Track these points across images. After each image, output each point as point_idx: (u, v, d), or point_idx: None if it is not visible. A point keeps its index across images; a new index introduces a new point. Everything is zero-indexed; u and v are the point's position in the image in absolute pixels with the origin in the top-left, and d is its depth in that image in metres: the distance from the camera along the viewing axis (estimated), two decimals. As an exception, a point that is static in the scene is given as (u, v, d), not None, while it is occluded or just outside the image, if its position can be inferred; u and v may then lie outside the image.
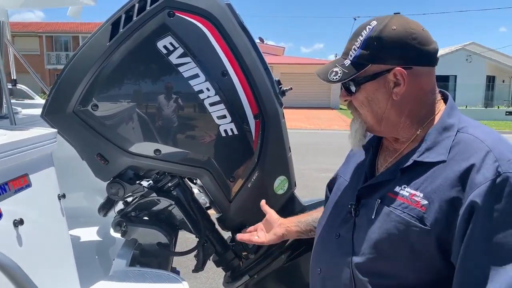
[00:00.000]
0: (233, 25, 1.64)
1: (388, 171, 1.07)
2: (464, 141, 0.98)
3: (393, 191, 1.02)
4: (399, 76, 1.00)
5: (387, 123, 1.06)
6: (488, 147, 0.93)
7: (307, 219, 1.48)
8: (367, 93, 1.05)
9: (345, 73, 1.03)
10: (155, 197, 1.77)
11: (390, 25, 1.00)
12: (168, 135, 1.61)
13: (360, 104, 1.07)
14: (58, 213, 1.44)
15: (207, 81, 1.57)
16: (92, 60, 1.54)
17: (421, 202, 0.95)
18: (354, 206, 1.09)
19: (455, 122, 1.03)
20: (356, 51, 1.03)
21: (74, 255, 1.55)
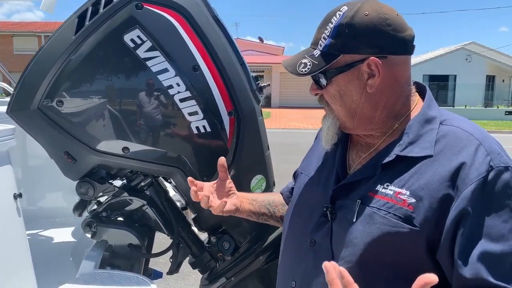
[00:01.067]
0: (206, 18, 1.58)
1: (366, 168, 0.98)
2: (451, 134, 0.92)
3: (374, 190, 0.93)
4: (374, 67, 0.92)
5: (361, 118, 0.98)
6: (478, 140, 0.89)
7: (263, 200, 1.32)
8: (339, 86, 0.96)
9: (314, 64, 0.95)
10: (127, 197, 1.71)
11: (362, 10, 0.92)
12: (136, 132, 1.55)
13: (332, 98, 0.99)
14: (13, 213, 1.38)
15: (177, 76, 1.51)
16: (57, 54, 1.48)
17: (408, 200, 0.87)
18: (330, 208, 0.99)
19: (437, 114, 0.97)
20: (326, 40, 0.94)
21: (45, 257, 1.49)
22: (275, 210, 1.32)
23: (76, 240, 2.23)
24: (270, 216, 1.32)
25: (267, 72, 28.03)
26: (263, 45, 35.74)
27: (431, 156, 0.89)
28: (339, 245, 0.95)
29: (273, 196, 1.36)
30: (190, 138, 1.58)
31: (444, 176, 0.86)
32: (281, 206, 1.33)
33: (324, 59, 0.94)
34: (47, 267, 1.49)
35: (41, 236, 2.26)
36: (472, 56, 26.32)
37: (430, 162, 0.89)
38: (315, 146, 1.23)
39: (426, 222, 0.85)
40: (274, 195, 1.36)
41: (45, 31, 31.02)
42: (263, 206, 1.30)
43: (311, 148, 1.26)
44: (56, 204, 2.41)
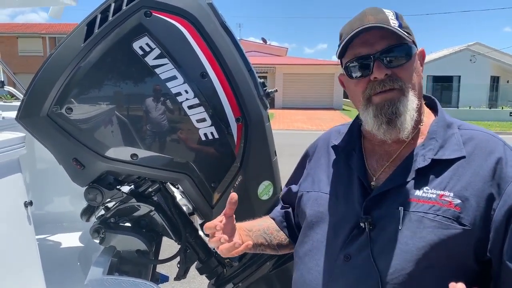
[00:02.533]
0: (214, 25, 1.59)
1: (397, 175, 0.97)
2: (476, 136, 0.97)
3: (414, 195, 0.93)
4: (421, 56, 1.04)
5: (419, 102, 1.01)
6: (501, 141, 0.95)
7: (258, 229, 1.25)
8: (414, 63, 1.01)
9: (406, 32, 0.98)
10: (135, 203, 1.72)
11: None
12: (144, 139, 1.55)
13: (411, 75, 0.99)
14: (24, 221, 1.39)
15: (185, 83, 1.52)
16: (66, 61, 1.49)
17: (454, 201, 0.89)
18: (370, 219, 0.96)
19: (453, 120, 1.02)
20: (396, 22, 0.98)
21: (54, 262, 1.50)
22: (271, 238, 1.27)
23: (84, 245, 2.24)
24: (267, 245, 1.25)
25: (271, 73, 28.03)
26: (266, 46, 35.77)
27: (464, 157, 0.93)
28: (383, 255, 0.94)
29: (265, 222, 1.30)
30: (198, 144, 1.59)
31: (484, 175, 0.90)
32: (276, 232, 1.29)
33: (405, 31, 0.98)
34: (56, 272, 1.50)
35: (49, 240, 2.27)
36: (476, 57, 26.20)
37: (465, 163, 0.92)
38: (315, 163, 1.21)
39: (475, 221, 0.88)
40: (266, 221, 1.31)
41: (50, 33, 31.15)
42: (259, 236, 1.24)
43: (309, 165, 1.23)
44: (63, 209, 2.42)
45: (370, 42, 0.97)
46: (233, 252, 1.03)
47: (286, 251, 1.32)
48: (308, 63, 30.06)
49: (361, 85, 1.01)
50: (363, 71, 0.99)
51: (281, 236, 1.29)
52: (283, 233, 1.30)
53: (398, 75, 0.97)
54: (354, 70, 1.01)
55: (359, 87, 1.02)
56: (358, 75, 1.01)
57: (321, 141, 1.28)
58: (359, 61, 0.99)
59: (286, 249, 1.31)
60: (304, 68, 28.40)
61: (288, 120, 19.38)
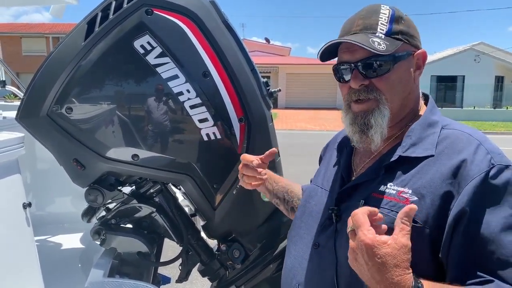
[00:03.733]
0: (216, 24, 1.56)
1: (370, 170, 1.01)
2: (452, 135, 0.95)
3: (378, 190, 0.95)
4: (421, 59, 0.99)
5: (405, 110, 1.00)
6: (478, 140, 0.91)
7: (284, 186, 1.35)
8: (399, 73, 0.98)
9: (387, 45, 0.94)
10: (136, 204, 1.69)
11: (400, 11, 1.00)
12: (145, 139, 1.53)
13: (391, 85, 0.97)
14: (22, 223, 1.36)
15: (187, 83, 1.49)
16: (67, 60, 1.47)
17: (410, 198, 0.89)
18: (335, 211, 1.01)
19: (439, 119, 1.00)
20: (386, 26, 0.96)
21: (54, 264, 1.48)
22: (290, 199, 1.35)
23: (85, 246, 2.21)
24: (283, 202, 1.36)
25: (274, 73, 28.00)
26: (269, 46, 35.72)
27: (433, 156, 0.92)
28: (342, 246, 0.97)
29: (294, 186, 1.38)
30: (200, 145, 1.56)
31: (446, 173, 0.88)
32: (296, 198, 1.36)
33: (391, 42, 0.96)
34: (56, 274, 1.47)
35: (50, 242, 2.25)
36: (480, 57, 26.05)
37: (432, 161, 0.92)
38: (324, 160, 1.26)
39: (428, 219, 0.87)
40: (296, 186, 1.39)
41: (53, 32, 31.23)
42: (281, 191, 1.34)
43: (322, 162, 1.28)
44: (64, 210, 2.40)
45: (352, 50, 0.98)
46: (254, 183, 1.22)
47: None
48: (311, 62, 30.00)
49: (344, 89, 1.04)
50: (344, 77, 1.02)
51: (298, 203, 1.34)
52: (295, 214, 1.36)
53: (376, 85, 0.97)
54: (338, 74, 1.04)
55: (343, 91, 1.05)
56: (342, 80, 1.04)
57: (332, 140, 1.33)
58: (341, 67, 1.02)
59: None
60: (307, 68, 28.34)
61: (291, 120, 19.35)
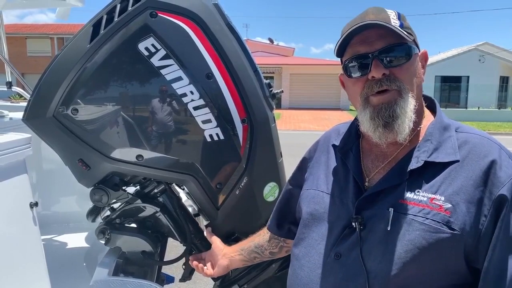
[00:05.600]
0: (220, 26, 1.58)
1: (391, 176, 0.96)
2: (472, 139, 0.94)
3: (405, 197, 0.92)
4: (423, 58, 1.02)
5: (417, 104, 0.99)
6: (498, 145, 0.92)
7: (250, 245, 1.45)
8: (414, 64, 0.99)
9: (408, 32, 0.96)
10: (140, 204, 1.72)
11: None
12: (150, 140, 1.55)
13: (410, 76, 0.97)
14: (29, 222, 1.39)
15: (190, 84, 1.51)
16: (72, 62, 1.49)
17: (444, 206, 0.88)
18: (359, 219, 0.96)
19: (450, 122, 1.00)
20: (397, 21, 0.96)
21: (59, 263, 1.50)
22: (263, 250, 1.43)
23: (90, 245, 2.24)
24: (261, 257, 1.44)
25: (277, 73, 28.01)
26: (273, 46, 35.73)
27: (458, 161, 0.91)
28: (371, 255, 0.93)
29: (259, 237, 1.45)
30: (203, 145, 1.58)
31: (476, 180, 0.88)
32: (266, 244, 1.42)
33: (406, 31, 0.97)
34: (61, 273, 1.50)
35: (55, 241, 2.28)
36: (485, 57, 25.96)
37: (458, 167, 0.91)
38: (316, 162, 1.21)
39: (465, 227, 0.86)
40: (260, 236, 1.45)
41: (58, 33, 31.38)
42: (251, 252, 1.43)
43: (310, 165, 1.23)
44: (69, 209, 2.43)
45: (369, 41, 0.96)
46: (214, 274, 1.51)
47: (281, 255, 1.44)
48: (315, 63, 29.99)
49: (359, 84, 0.99)
50: (361, 70, 0.98)
51: (272, 245, 1.41)
52: (274, 241, 1.40)
53: (397, 75, 0.95)
54: (352, 69, 1.00)
55: (357, 86, 1.00)
56: (356, 74, 1.00)
57: (322, 140, 1.28)
58: (358, 60, 0.98)
59: (280, 254, 1.43)
60: (311, 68, 28.32)
61: (294, 121, 19.35)
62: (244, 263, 1.47)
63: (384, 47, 0.94)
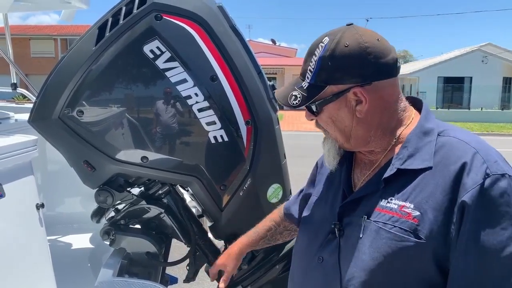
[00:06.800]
0: (224, 28, 1.59)
1: (370, 184, 1.00)
2: (448, 143, 0.93)
3: (379, 204, 0.94)
4: (359, 94, 0.95)
5: (357, 139, 1.00)
6: (474, 148, 0.89)
7: (263, 241, 1.45)
8: (330, 113, 1.00)
9: (304, 97, 0.98)
10: (145, 205, 1.73)
11: (343, 41, 0.94)
12: (154, 142, 1.56)
13: (325, 124, 1.03)
14: (35, 224, 1.40)
15: (195, 86, 1.53)
16: (78, 65, 1.51)
17: (413, 213, 0.88)
18: (338, 225, 1.01)
19: (434, 126, 0.98)
20: (312, 73, 0.97)
21: (64, 264, 1.51)
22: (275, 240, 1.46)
23: (94, 246, 2.25)
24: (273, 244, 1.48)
25: (280, 74, 28.03)
26: (275, 47, 35.77)
27: (431, 167, 0.90)
28: (347, 261, 0.97)
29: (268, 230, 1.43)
30: (207, 147, 1.59)
31: (445, 187, 0.87)
32: (278, 235, 1.44)
33: (312, 90, 0.97)
34: (66, 274, 1.51)
35: (60, 242, 2.29)
36: (488, 58, 25.89)
37: (431, 174, 0.90)
38: (324, 169, 1.24)
39: (432, 234, 0.86)
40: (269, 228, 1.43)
41: (62, 34, 31.48)
42: (265, 244, 1.46)
43: (319, 172, 1.27)
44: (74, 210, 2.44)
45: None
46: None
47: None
48: (317, 64, 29.93)
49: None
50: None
51: (284, 235, 1.44)
52: (285, 231, 1.44)
53: (319, 122, 1.04)
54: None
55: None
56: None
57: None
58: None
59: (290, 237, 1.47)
60: (313, 69, 28.26)
61: (297, 122, 19.33)
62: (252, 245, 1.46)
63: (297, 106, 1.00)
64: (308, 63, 0.98)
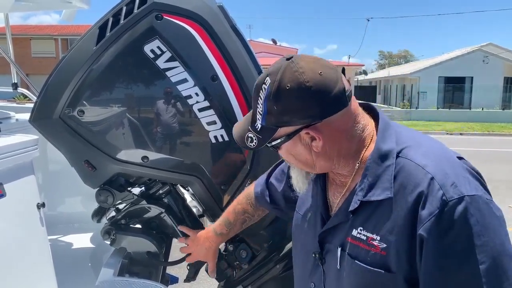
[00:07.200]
0: (225, 28, 1.59)
1: (340, 212, 0.99)
2: (406, 168, 0.89)
3: (351, 235, 0.94)
4: (312, 134, 0.92)
5: (320, 167, 0.99)
6: (430, 173, 0.85)
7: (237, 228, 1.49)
8: (288, 150, 0.98)
9: (259, 138, 0.96)
10: (145, 205, 1.73)
11: (284, 83, 0.89)
12: (155, 141, 1.57)
13: (287, 158, 1.02)
14: (36, 223, 1.40)
15: (195, 86, 1.53)
16: (79, 64, 1.51)
17: (380, 246, 0.88)
18: (319, 254, 1.02)
19: (392, 146, 0.93)
20: (261, 116, 0.94)
21: (65, 263, 1.51)
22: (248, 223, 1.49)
23: (95, 246, 2.26)
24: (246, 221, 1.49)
25: (281, 74, 27.96)
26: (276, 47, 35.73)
27: (392, 197, 0.89)
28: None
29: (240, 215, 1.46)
30: (208, 147, 1.59)
31: (405, 218, 0.86)
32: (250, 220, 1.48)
33: (265, 132, 0.95)
34: (67, 273, 1.51)
35: (61, 241, 2.30)
36: (489, 58, 25.87)
37: (392, 203, 0.89)
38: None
39: (400, 265, 0.86)
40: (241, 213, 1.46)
41: (62, 34, 31.51)
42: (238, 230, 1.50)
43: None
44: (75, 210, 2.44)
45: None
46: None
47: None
48: (318, 64, 29.92)
49: None
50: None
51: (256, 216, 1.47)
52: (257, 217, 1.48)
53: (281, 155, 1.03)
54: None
55: None
56: None
57: None
58: None
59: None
60: (314, 69, 28.23)
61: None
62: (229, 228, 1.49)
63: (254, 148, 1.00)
64: (256, 104, 0.95)
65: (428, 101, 25.26)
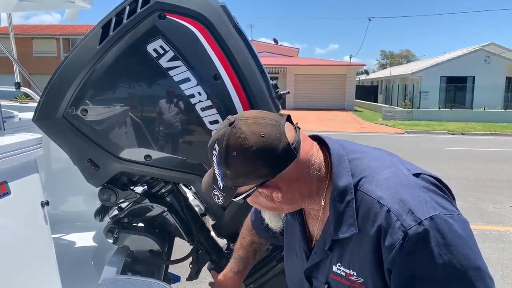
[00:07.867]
0: (227, 27, 1.60)
1: (319, 249, 1.02)
2: (364, 204, 0.92)
3: (332, 270, 0.98)
4: (269, 189, 0.94)
5: (288, 209, 1.02)
6: (386, 205, 0.87)
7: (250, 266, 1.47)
8: (253, 202, 1.01)
9: (224, 196, 0.98)
10: (148, 204, 1.74)
11: (230, 151, 0.90)
12: (158, 140, 1.57)
13: (254, 206, 1.04)
14: (40, 221, 1.41)
15: (198, 85, 1.53)
16: (82, 64, 1.52)
17: (358, 280, 0.92)
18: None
19: (348, 181, 0.95)
20: (220, 178, 0.95)
21: (68, 261, 1.52)
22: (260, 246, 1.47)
23: (98, 244, 2.27)
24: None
25: (282, 74, 28.02)
26: (277, 47, 35.75)
27: (357, 233, 0.91)
28: None
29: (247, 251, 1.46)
30: (210, 146, 1.59)
31: (372, 253, 0.88)
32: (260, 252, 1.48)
33: (227, 191, 0.96)
34: (70, 272, 1.52)
35: (64, 240, 2.31)
36: (491, 57, 25.81)
37: (358, 238, 0.91)
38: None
39: None
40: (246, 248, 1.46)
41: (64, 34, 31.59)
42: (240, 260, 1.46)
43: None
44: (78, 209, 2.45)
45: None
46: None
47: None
48: (319, 63, 29.98)
49: None
50: None
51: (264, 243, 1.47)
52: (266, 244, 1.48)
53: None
54: None
55: None
56: None
57: None
58: None
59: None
60: (315, 69, 28.31)
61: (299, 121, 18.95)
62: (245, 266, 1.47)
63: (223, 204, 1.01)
64: (213, 165, 0.97)
65: (429, 101, 25.22)
